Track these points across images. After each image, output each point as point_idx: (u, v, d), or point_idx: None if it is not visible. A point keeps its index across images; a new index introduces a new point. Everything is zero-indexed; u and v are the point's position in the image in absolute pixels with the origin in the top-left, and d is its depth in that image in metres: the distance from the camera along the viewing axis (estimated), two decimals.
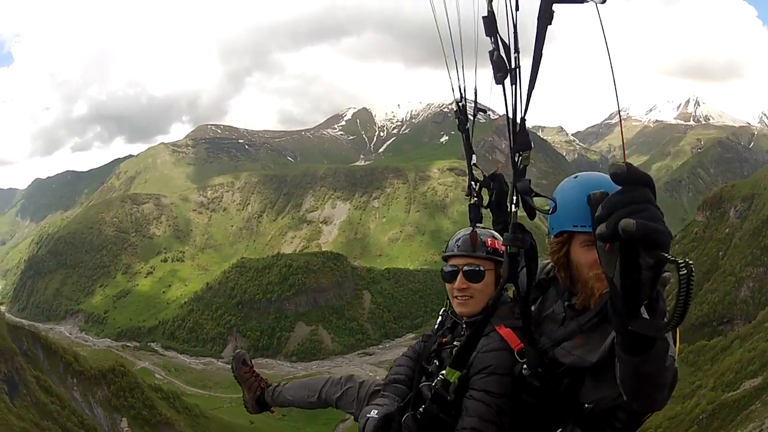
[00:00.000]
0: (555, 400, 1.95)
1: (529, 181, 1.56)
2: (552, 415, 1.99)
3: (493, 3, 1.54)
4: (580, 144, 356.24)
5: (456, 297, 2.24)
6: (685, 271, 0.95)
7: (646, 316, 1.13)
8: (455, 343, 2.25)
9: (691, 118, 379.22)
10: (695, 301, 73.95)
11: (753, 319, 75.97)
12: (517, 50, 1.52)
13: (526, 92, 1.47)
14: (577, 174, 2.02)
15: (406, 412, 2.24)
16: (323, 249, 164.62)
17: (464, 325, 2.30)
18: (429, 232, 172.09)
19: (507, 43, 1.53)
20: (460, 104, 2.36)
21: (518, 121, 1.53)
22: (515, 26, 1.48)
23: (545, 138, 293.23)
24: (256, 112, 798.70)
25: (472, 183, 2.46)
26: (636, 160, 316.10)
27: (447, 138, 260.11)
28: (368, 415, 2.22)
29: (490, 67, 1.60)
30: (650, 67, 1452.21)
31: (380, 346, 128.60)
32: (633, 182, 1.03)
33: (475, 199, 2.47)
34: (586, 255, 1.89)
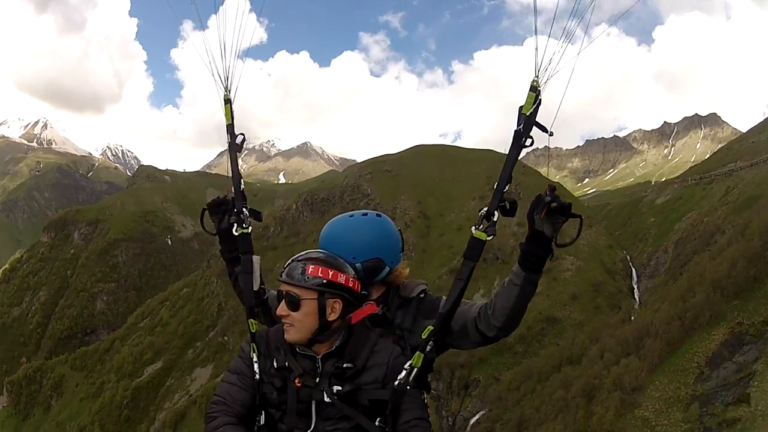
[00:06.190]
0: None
1: None
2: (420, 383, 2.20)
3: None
4: None
5: (283, 323, 2.06)
6: (582, 216, 1.99)
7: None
8: (346, 365, 2.02)
9: (35, 140, 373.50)
10: (56, 317, 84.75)
11: (116, 327, 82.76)
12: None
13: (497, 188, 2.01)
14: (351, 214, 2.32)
15: None
16: None
17: (320, 359, 2.06)
18: None
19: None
20: (232, 120, 2.40)
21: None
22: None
23: None
24: None
25: (244, 210, 2.36)
26: None
27: None
28: None
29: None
30: (13, 80, 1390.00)
31: None
32: (554, 191, 1.95)
33: (249, 228, 2.37)
34: None
